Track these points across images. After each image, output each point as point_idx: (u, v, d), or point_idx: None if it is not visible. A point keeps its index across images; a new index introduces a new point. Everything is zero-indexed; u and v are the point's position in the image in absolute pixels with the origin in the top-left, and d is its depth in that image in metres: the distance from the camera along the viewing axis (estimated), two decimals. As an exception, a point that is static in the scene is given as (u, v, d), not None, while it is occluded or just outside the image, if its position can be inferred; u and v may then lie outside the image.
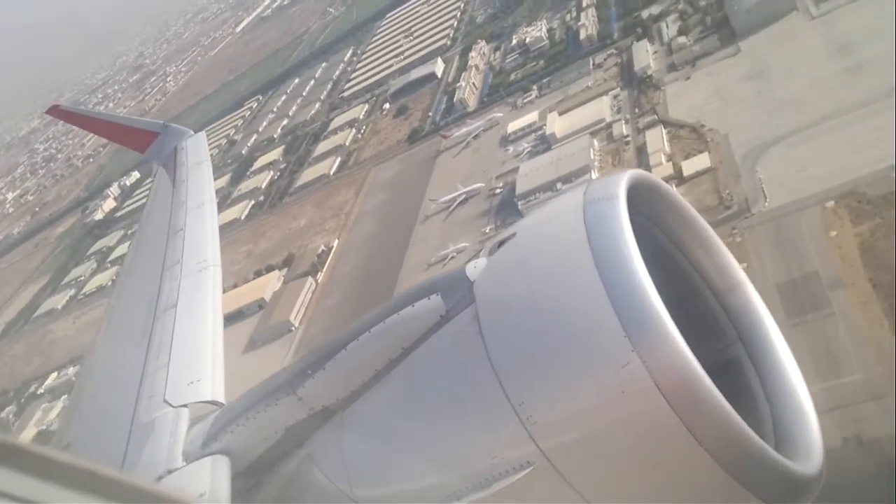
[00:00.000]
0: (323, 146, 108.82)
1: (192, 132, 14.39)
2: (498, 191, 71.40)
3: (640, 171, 4.96)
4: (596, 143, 68.81)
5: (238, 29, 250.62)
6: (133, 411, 7.30)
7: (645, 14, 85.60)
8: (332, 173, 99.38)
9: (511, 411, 4.25)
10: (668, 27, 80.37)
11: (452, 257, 64.55)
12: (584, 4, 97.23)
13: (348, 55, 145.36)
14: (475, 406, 4.46)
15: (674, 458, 4.07)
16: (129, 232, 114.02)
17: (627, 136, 67.48)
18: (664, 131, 64.04)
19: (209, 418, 6.39)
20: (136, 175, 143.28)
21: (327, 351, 5.32)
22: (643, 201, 4.90)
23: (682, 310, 4.49)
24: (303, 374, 5.41)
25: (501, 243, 4.88)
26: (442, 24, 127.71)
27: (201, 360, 7.99)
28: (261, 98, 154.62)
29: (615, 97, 74.97)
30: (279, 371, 5.85)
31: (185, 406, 7.08)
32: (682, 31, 77.19)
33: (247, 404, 5.84)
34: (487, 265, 4.78)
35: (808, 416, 4.75)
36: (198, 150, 13.52)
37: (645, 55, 77.09)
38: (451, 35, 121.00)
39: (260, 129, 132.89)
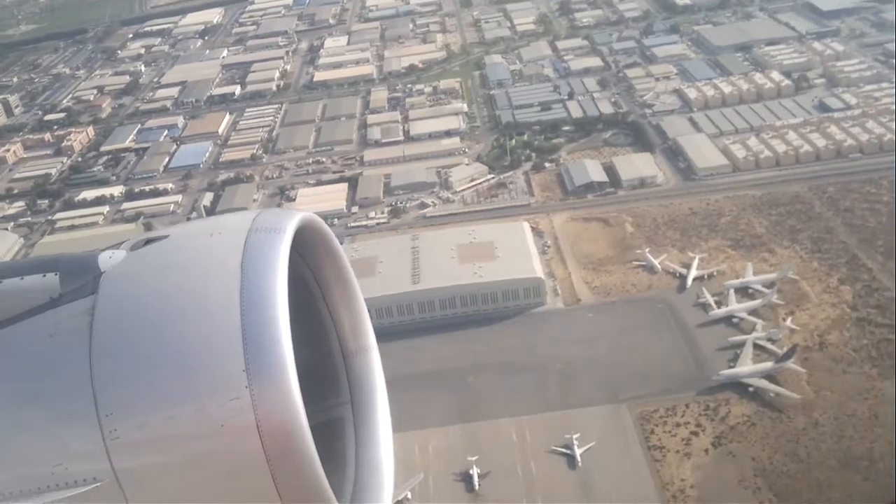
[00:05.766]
0: None
1: None
2: None
3: (314, 216, 4.77)
4: None
5: None
6: None
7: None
8: None
9: (95, 420, 3.88)
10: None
11: None
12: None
13: None
14: (56, 404, 3.99)
15: (249, 502, 4.00)
16: None
17: None
18: None
19: None
20: None
21: None
22: (307, 245, 4.81)
23: (310, 360, 4.58)
24: None
25: (149, 241, 4.52)
26: None
27: None
28: None
29: None
30: None
31: None
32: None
33: None
34: (125, 259, 4.41)
35: (384, 492, 4.92)
36: None
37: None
38: None
39: None
